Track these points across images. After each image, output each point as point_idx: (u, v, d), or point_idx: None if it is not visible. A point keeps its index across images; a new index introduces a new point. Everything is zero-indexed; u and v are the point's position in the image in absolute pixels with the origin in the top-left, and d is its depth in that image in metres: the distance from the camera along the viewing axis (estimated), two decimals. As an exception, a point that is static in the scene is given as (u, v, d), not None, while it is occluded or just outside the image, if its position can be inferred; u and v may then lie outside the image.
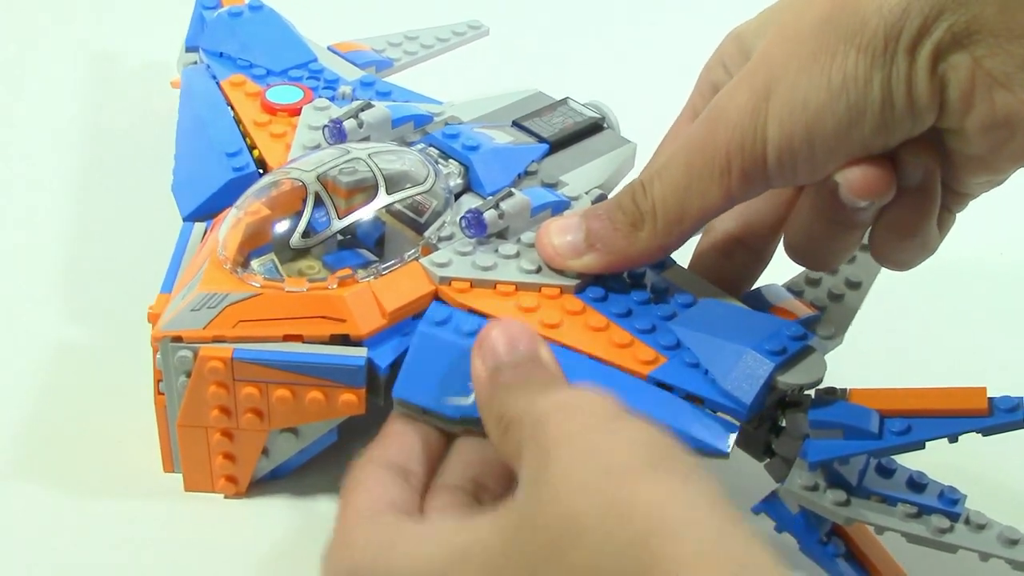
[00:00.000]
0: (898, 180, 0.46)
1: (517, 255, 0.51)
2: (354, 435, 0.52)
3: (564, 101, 0.61)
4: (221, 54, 0.65)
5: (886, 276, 0.55)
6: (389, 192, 0.51)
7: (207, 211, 0.55)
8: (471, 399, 0.47)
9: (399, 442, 0.46)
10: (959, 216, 0.50)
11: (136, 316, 0.59)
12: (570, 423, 0.37)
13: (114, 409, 0.56)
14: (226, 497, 0.52)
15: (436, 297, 0.50)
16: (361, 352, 0.48)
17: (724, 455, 0.46)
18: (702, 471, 0.37)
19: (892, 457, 0.47)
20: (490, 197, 0.52)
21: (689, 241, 0.51)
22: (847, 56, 0.42)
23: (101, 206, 0.69)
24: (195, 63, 0.69)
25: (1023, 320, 0.66)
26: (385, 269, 0.50)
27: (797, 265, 0.52)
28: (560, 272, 0.50)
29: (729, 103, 0.45)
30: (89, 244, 0.66)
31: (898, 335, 0.63)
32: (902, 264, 0.50)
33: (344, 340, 0.49)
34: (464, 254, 0.51)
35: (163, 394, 0.50)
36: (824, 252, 0.50)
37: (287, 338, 0.48)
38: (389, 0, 0.92)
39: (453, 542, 0.39)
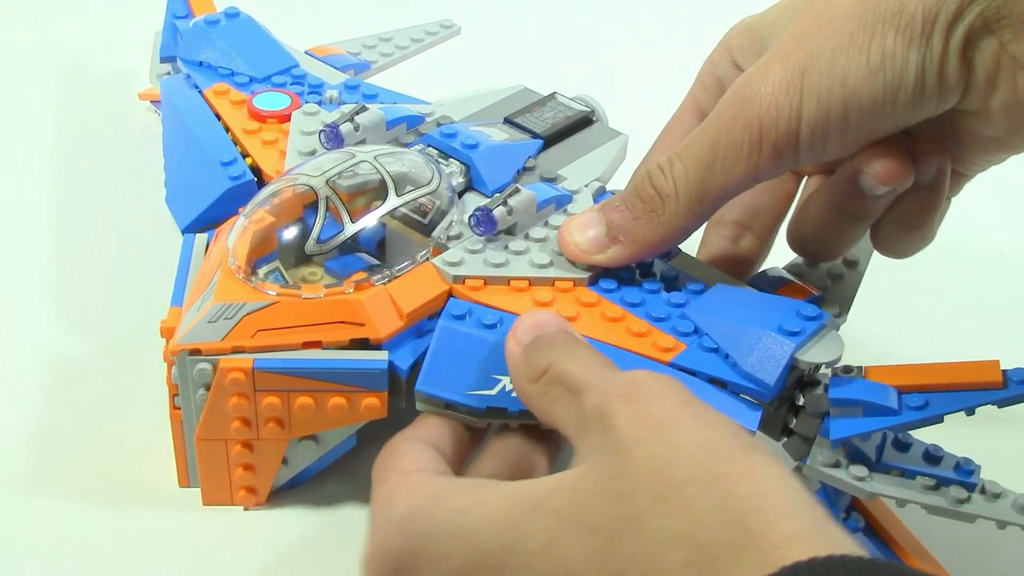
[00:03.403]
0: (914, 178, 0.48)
1: (527, 250, 0.51)
2: (373, 440, 0.52)
3: (552, 96, 0.62)
4: (201, 63, 0.64)
5: (877, 258, 0.56)
6: (399, 194, 0.51)
7: (206, 222, 0.55)
8: (496, 390, 0.47)
9: (432, 426, 0.46)
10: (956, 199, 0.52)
11: (133, 328, 0.59)
12: (657, 403, 0.38)
13: (121, 423, 0.55)
14: (245, 509, 0.51)
15: (450, 296, 0.50)
16: (382, 355, 0.48)
17: (752, 434, 0.47)
18: (779, 458, 0.37)
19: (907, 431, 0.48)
20: (497, 194, 0.53)
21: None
22: (885, 36, 0.44)
23: (81, 218, 0.68)
24: (168, 73, 0.68)
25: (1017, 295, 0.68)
26: (399, 271, 0.50)
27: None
28: (572, 264, 0.51)
29: (762, 81, 0.46)
30: (77, 257, 0.66)
31: (897, 313, 0.64)
32: (902, 254, 0.52)
33: (363, 344, 0.48)
34: (475, 252, 0.51)
35: (179, 408, 0.49)
36: (830, 242, 0.51)
37: (306, 345, 0.48)
38: (354, 3, 0.92)
39: (523, 493, 0.38)
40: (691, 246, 0.54)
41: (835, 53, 0.45)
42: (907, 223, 0.50)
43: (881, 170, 0.47)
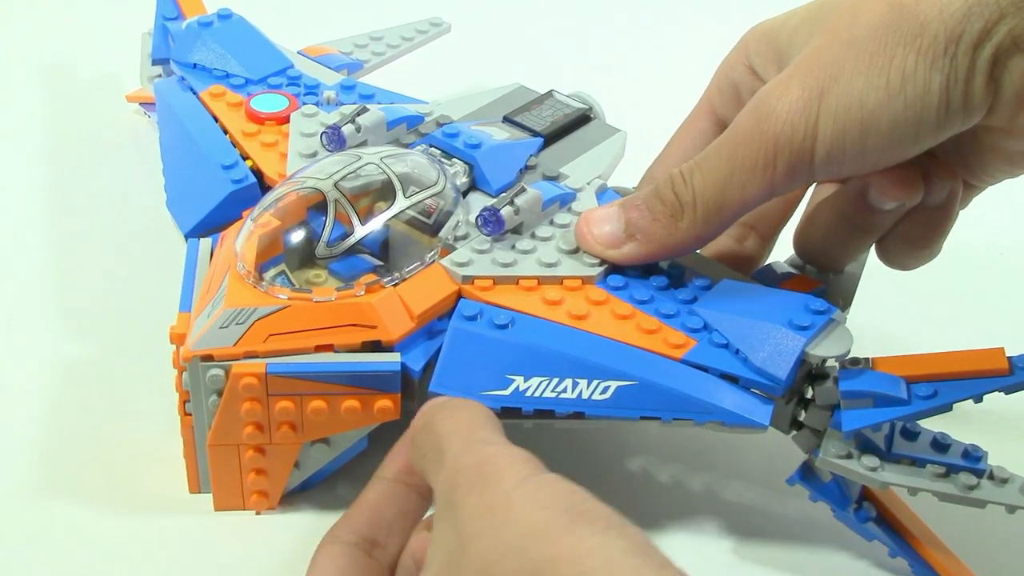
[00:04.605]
0: (924, 198, 0.49)
1: (535, 249, 0.52)
2: (384, 442, 0.52)
3: (550, 94, 0.62)
4: (194, 65, 0.64)
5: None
6: (406, 196, 0.51)
7: (208, 226, 0.55)
8: (510, 390, 0.48)
9: (370, 512, 0.44)
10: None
11: (136, 333, 0.59)
12: (495, 487, 0.37)
13: (128, 430, 0.55)
14: (257, 513, 0.51)
15: (460, 296, 0.50)
16: (395, 357, 0.48)
17: (763, 427, 0.47)
18: (620, 518, 0.36)
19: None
20: (503, 194, 0.53)
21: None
22: (906, 58, 0.43)
23: (77, 223, 0.68)
24: (160, 75, 0.68)
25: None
26: (408, 273, 0.50)
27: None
28: (581, 262, 0.51)
29: (779, 100, 0.46)
30: (76, 262, 0.65)
31: (898, 305, 0.64)
32: (905, 268, 0.53)
33: (375, 347, 0.48)
34: (483, 252, 0.51)
35: (189, 414, 0.49)
36: (836, 252, 0.52)
37: (318, 348, 0.48)
38: (343, 3, 0.92)
39: None
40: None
41: (854, 75, 0.44)
42: (913, 240, 0.51)
43: (890, 185, 0.48)
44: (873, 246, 0.53)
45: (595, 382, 0.47)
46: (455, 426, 0.41)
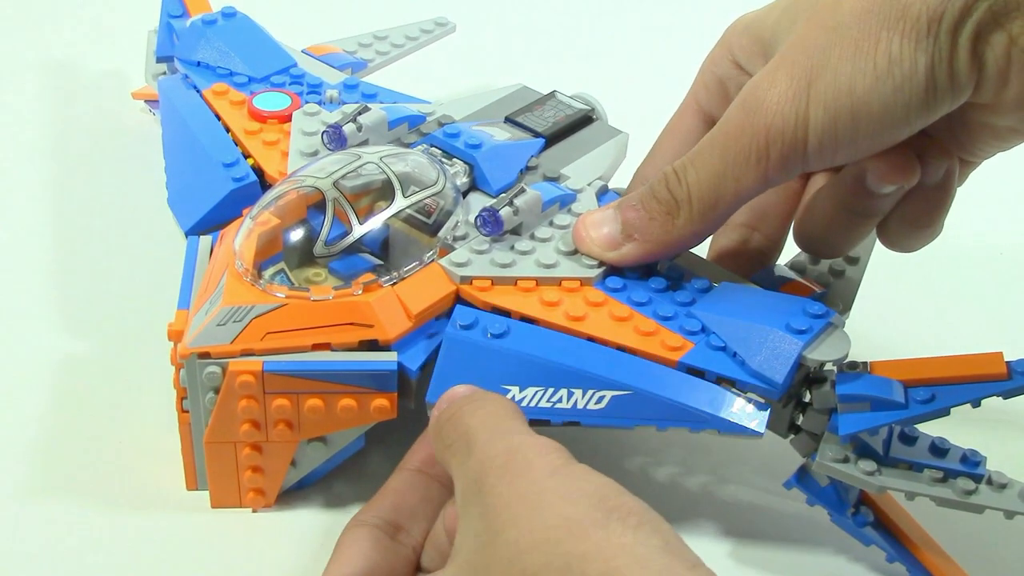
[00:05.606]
0: (921, 178, 0.48)
1: (533, 250, 0.52)
2: (381, 441, 0.53)
3: (552, 95, 0.62)
4: (198, 63, 0.64)
5: (879, 255, 0.56)
6: (405, 195, 0.51)
7: (209, 224, 0.55)
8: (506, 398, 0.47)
9: (394, 498, 0.46)
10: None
11: (135, 330, 0.59)
12: (527, 476, 0.38)
13: (127, 427, 0.55)
14: (254, 511, 0.51)
15: (458, 296, 0.50)
16: (392, 356, 0.48)
17: (759, 435, 0.47)
18: (652, 513, 0.37)
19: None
20: (502, 195, 0.53)
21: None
22: (891, 42, 0.43)
23: (79, 220, 0.68)
24: (165, 73, 0.68)
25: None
26: (406, 272, 0.50)
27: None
28: (579, 263, 0.51)
29: (768, 91, 0.46)
30: (78, 259, 0.65)
31: (898, 308, 0.64)
32: (909, 248, 0.52)
33: (372, 346, 0.49)
34: (481, 252, 0.51)
35: (187, 411, 0.49)
36: (837, 240, 0.52)
37: (315, 347, 0.48)
38: (349, 2, 0.92)
39: None
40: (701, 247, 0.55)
41: (841, 61, 0.44)
42: (914, 221, 0.50)
43: (887, 169, 0.48)
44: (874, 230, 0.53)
45: (590, 392, 0.47)
46: (483, 418, 0.42)
